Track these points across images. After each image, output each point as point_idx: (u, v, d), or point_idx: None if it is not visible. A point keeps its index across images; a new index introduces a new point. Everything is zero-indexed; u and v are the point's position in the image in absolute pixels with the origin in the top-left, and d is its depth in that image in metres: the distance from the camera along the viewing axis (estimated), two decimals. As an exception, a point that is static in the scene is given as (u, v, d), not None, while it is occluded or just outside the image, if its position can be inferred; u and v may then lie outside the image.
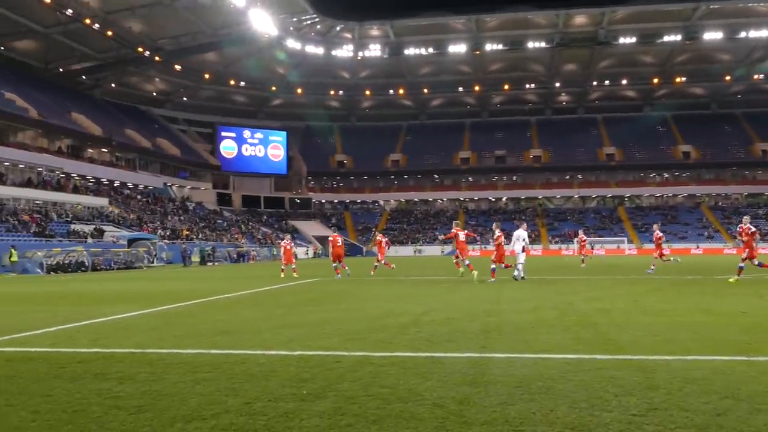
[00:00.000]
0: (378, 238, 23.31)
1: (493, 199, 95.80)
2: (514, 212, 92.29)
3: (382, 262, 22.70)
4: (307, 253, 69.34)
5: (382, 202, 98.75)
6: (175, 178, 78.54)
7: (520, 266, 18.12)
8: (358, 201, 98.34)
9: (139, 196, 66.17)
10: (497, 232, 18.86)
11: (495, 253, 18.52)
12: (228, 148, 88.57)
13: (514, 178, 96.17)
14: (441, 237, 24.89)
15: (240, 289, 16.86)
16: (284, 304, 12.19)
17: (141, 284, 21.20)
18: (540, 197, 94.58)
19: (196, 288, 18.03)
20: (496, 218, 79.74)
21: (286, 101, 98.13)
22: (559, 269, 26.45)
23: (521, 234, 18.31)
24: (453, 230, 19.34)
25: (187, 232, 58.43)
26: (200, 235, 60.59)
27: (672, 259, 23.40)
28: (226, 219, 75.27)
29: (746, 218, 17.31)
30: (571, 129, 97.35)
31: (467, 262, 18.96)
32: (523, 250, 18.15)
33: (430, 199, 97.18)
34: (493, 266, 18.22)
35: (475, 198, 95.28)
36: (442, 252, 76.81)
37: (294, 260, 24.18)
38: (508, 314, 9.77)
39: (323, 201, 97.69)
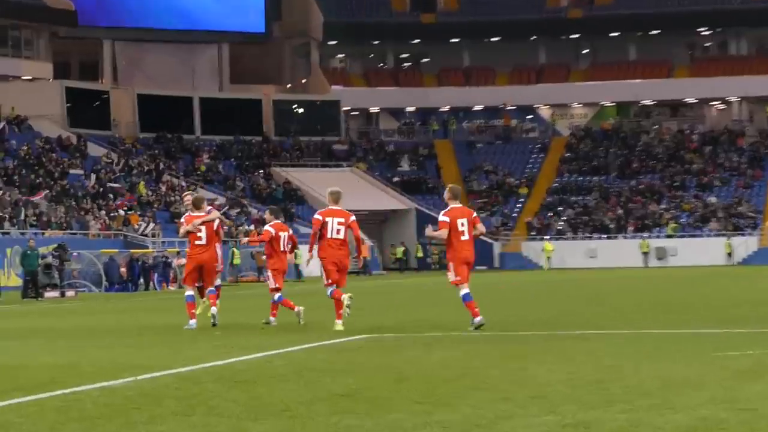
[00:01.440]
0: (267, 226, 24.93)
1: None
2: None
3: (275, 296, 24.88)
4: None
5: (545, 112, 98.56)
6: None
7: None
8: (477, 109, 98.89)
9: None
10: (443, 218, 22.84)
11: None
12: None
13: None
14: (244, 239, 26.38)
15: (150, 365, 17.35)
16: (276, 409, 11.97)
17: None
18: None
19: (27, 362, 18.70)
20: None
21: None
22: None
23: None
24: (268, 228, 23.60)
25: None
26: (24, 214, 62.24)
27: None
28: (96, 166, 77.10)
29: None
30: None
31: (277, 297, 23.28)
32: None
33: (692, 100, 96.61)
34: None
35: None
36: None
37: (217, 273, 25.06)
38: None
39: (375, 110, 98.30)
